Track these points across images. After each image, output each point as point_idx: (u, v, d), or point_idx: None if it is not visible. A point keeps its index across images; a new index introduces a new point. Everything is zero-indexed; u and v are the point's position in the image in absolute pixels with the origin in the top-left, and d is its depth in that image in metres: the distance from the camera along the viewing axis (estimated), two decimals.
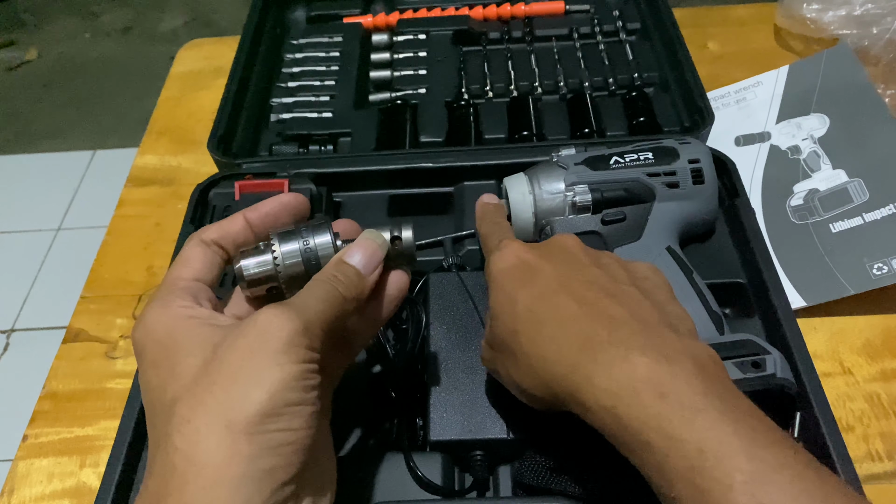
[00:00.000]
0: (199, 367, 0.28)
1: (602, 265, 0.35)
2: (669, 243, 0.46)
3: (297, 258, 0.33)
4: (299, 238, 0.33)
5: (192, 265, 0.33)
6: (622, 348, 0.29)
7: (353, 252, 0.33)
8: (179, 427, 0.27)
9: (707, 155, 0.49)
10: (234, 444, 0.26)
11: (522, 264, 0.35)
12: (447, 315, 0.46)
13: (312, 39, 0.74)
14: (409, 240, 0.35)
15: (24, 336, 1.50)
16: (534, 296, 0.33)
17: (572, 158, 0.48)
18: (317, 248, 0.33)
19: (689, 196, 0.48)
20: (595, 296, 0.32)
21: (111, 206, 0.68)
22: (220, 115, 0.62)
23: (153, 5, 2.29)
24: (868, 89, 0.62)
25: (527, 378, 0.33)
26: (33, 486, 0.50)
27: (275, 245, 0.33)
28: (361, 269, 0.33)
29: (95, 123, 1.94)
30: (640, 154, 0.48)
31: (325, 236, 0.33)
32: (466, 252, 0.52)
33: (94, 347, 0.57)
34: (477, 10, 0.74)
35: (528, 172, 0.49)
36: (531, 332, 0.33)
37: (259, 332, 0.28)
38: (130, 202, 0.68)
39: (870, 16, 0.69)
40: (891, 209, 0.55)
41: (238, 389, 0.27)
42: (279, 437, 0.27)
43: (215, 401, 0.27)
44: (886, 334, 0.53)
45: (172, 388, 0.28)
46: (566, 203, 0.47)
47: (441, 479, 0.40)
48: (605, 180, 0.47)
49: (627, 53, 0.69)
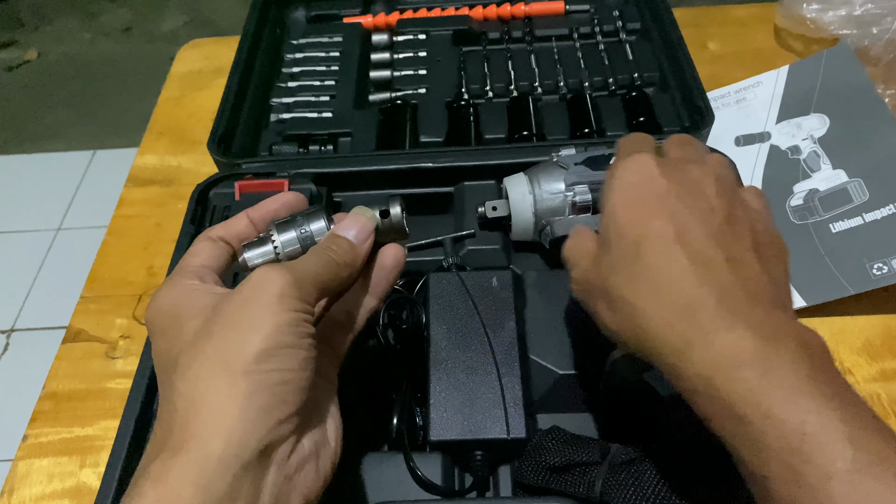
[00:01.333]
0: (201, 325, 0.30)
1: (732, 220, 0.32)
2: None
3: (296, 244, 0.35)
4: (296, 226, 0.35)
5: (200, 256, 0.35)
6: (728, 319, 0.28)
7: (344, 225, 0.35)
8: (181, 374, 0.28)
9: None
10: (232, 383, 0.27)
11: (648, 184, 0.33)
12: (447, 315, 0.46)
13: (312, 39, 0.73)
14: (398, 214, 0.36)
15: (24, 336, 1.50)
16: (646, 234, 0.31)
17: (572, 158, 0.48)
18: (313, 234, 0.35)
19: None
20: (712, 256, 0.30)
21: (111, 206, 0.68)
22: (220, 115, 0.62)
23: (153, 5, 2.29)
24: (868, 89, 0.62)
25: (616, 321, 0.32)
26: (33, 486, 0.50)
27: (274, 235, 0.35)
28: (353, 240, 0.34)
29: (95, 123, 1.94)
30: None
31: (320, 222, 0.35)
32: (466, 252, 0.52)
33: (94, 347, 0.57)
34: (477, 10, 0.74)
35: (528, 172, 0.49)
36: (632, 274, 0.31)
37: (254, 285, 0.30)
38: (130, 202, 0.68)
39: (870, 16, 0.69)
40: (891, 209, 0.55)
41: (234, 336, 0.29)
42: (274, 377, 0.28)
43: (213, 348, 0.29)
44: (886, 334, 0.53)
45: (177, 347, 0.30)
46: (566, 203, 0.47)
47: (441, 479, 0.40)
48: (605, 180, 0.47)
49: (627, 53, 0.69)
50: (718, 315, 0.29)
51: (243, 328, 0.29)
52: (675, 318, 0.29)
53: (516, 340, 0.44)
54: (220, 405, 0.27)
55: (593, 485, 0.37)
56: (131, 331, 0.58)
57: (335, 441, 0.32)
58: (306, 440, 0.30)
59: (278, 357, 0.28)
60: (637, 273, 0.31)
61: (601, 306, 0.34)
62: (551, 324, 0.46)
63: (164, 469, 0.26)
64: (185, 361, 0.29)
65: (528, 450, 0.40)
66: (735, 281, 0.30)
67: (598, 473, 0.37)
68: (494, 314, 0.45)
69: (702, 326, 0.29)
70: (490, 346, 0.44)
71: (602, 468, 0.37)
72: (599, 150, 0.49)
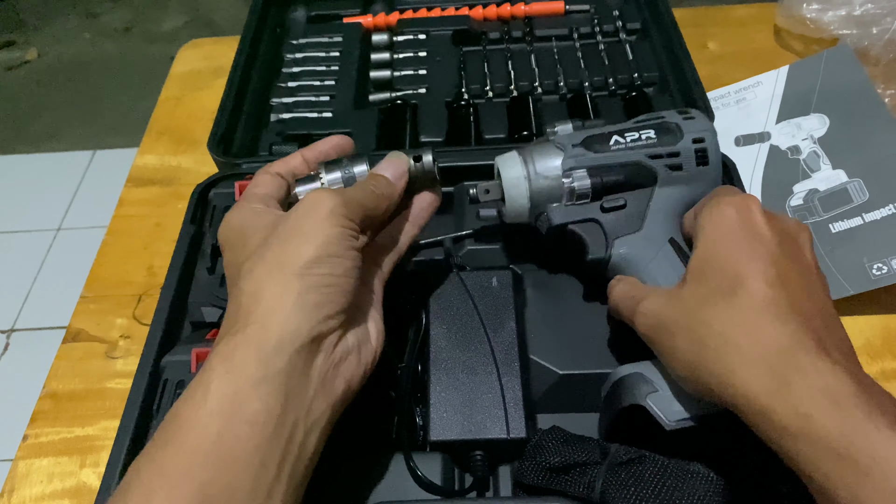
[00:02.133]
0: (263, 238, 0.35)
1: (820, 277, 0.35)
2: (672, 234, 0.44)
3: (340, 183, 0.40)
4: (341, 167, 0.40)
5: (262, 186, 0.39)
6: (828, 361, 0.29)
7: (382, 166, 0.40)
8: (246, 277, 0.34)
9: (712, 133, 0.45)
10: (288, 282, 0.33)
11: (751, 226, 0.35)
12: (447, 315, 0.46)
13: (312, 39, 0.73)
14: (429, 162, 0.41)
15: (24, 336, 1.50)
16: (747, 273, 0.33)
17: (570, 139, 0.45)
18: (355, 175, 0.40)
19: (692, 179, 0.45)
20: (809, 307, 0.32)
21: (111, 206, 0.68)
22: (220, 115, 0.62)
23: (153, 5, 2.29)
24: (868, 89, 0.62)
25: (698, 357, 0.32)
26: (33, 486, 0.50)
27: (322, 173, 0.40)
28: (390, 177, 0.40)
29: (95, 123, 1.94)
30: (642, 133, 0.45)
31: (362, 165, 0.40)
32: (466, 252, 0.52)
33: (94, 347, 0.57)
34: (477, 10, 0.74)
35: (523, 152, 0.46)
36: (729, 309, 0.32)
37: (307, 204, 0.35)
38: (130, 202, 0.68)
39: (870, 16, 0.69)
40: (890, 209, 0.55)
41: (291, 245, 0.34)
42: (323, 280, 0.33)
43: (273, 254, 0.34)
44: (886, 334, 0.53)
45: (243, 256, 0.35)
46: (563, 190, 0.45)
47: (441, 479, 0.40)
48: (605, 164, 0.44)
49: (627, 53, 0.69)
50: (819, 358, 0.29)
51: (298, 239, 0.34)
52: (773, 355, 0.30)
53: (516, 340, 0.44)
54: (277, 299, 0.32)
55: (593, 485, 0.37)
56: (131, 331, 0.58)
57: (376, 342, 0.37)
58: (350, 336, 0.35)
59: (327, 264, 0.33)
60: (734, 308, 0.32)
61: (680, 341, 0.34)
62: (551, 324, 0.46)
63: (230, 347, 0.31)
64: (249, 266, 0.34)
65: (528, 450, 0.40)
66: (828, 332, 0.31)
67: (598, 473, 0.37)
68: (494, 314, 0.45)
69: (802, 367, 0.29)
70: (490, 346, 0.44)
71: (602, 468, 0.37)
72: (598, 128, 0.46)
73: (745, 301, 0.32)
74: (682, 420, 0.35)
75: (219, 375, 0.31)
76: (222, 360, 0.31)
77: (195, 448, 0.29)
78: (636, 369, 0.38)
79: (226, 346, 0.31)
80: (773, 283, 0.32)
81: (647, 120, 0.46)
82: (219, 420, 0.29)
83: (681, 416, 0.35)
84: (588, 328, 0.46)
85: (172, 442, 0.30)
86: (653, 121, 0.46)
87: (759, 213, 0.35)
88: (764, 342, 0.30)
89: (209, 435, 0.29)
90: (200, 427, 0.29)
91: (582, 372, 0.44)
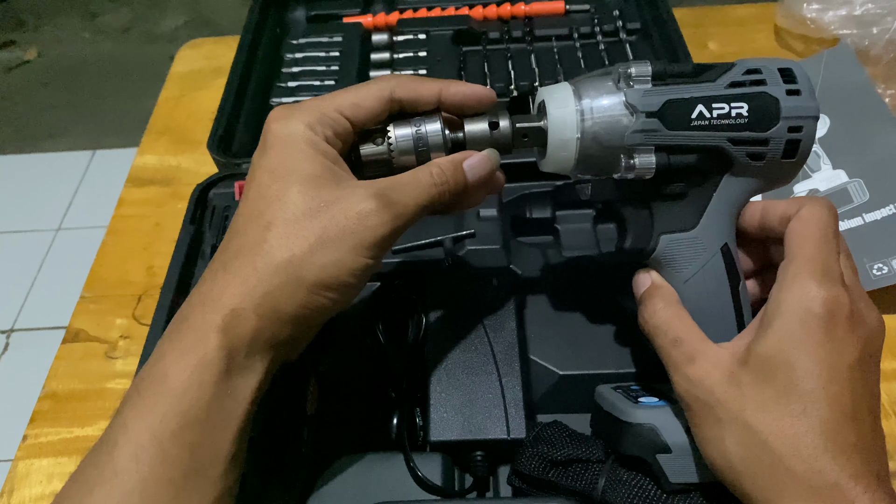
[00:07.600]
0: (301, 213, 0.32)
1: (878, 391, 0.33)
2: (726, 238, 0.37)
3: (409, 141, 0.36)
4: (412, 124, 0.36)
5: (364, 104, 0.35)
6: (874, 483, 0.29)
7: (473, 163, 0.36)
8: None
9: (814, 120, 0.35)
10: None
11: (834, 336, 0.31)
12: (447, 315, 0.46)
13: (312, 39, 0.73)
14: (507, 127, 0.37)
15: (24, 336, 1.50)
16: (819, 387, 0.30)
17: (646, 101, 0.35)
18: (427, 134, 0.36)
19: (768, 172, 0.36)
20: (873, 442, 0.31)
21: (111, 206, 0.68)
22: (220, 115, 0.62)
23: (153, 5, 2.29)
24: (868, 89, 0.62)
25: (743, 449, 0.31)
26: (33, 486, 0.50)
27: (390, 129, 0.36)
28: (471, 181, 0.36)
29: (95, 123, 1.94)
30: (733, 106, 0.35)
31: (435, 122, 0.36)
32: (466, 252, 0.52)
33: (93, 347, 0.57)
34: (477, 10, 0.74)
35: (580, 93, 0.36)
36: (790, 415, 0.30)
37: (357, 220, 0.32)
38: (130, 202, 0.68)
39: (870, 16, 0.69)
40: (891, 209, 0.55)
41: (325, 258, 0.32)
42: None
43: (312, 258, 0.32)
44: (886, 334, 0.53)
45: (270, 214, 0.32)
46: (622, 163, 0.35)
47: (441, 479, 0.40)
48: (679, 144, 0.35)
49: (627, 53, 0.69)
50: (866, 479, 0.29)
51: (331, 258, 0.32)
52: (827, 490, 0.29)
53: (516, 340, 0.44)
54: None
55: (596, 482, 0.37)
56: (131, 331, 0.58)
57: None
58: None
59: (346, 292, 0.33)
60: (799, 431, 0.30)
61: (729, 436, 0.31)
62: (551, 324, 0.46)
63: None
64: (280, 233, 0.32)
65: (527, 440, 0.40)
66: (880, 463, 0.31)
67: (601, 471, 0.37)
68: (494, 314, 0.45)
69: (857, 482, 0.29)
70: (490, 346, 0.44)
71: (606, 466, 0.37)
72: (683, 91, 0.35)
73: (814, 427, 0.30)
74: (685, 484, 0.35)
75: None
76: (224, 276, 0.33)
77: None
78: (651, 420, 0.36)
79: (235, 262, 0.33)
80: (845, 416, 0.30)
81: (742, 84, 0.35)
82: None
83: (685, 480, 0.35)
84: (588, 328, 0.46)
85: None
86: (748, 87, 0.35)
87: (847, 311, 0.31)
88: (822, 476, 0.29)
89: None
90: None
91: (582, 372, 0.44)
